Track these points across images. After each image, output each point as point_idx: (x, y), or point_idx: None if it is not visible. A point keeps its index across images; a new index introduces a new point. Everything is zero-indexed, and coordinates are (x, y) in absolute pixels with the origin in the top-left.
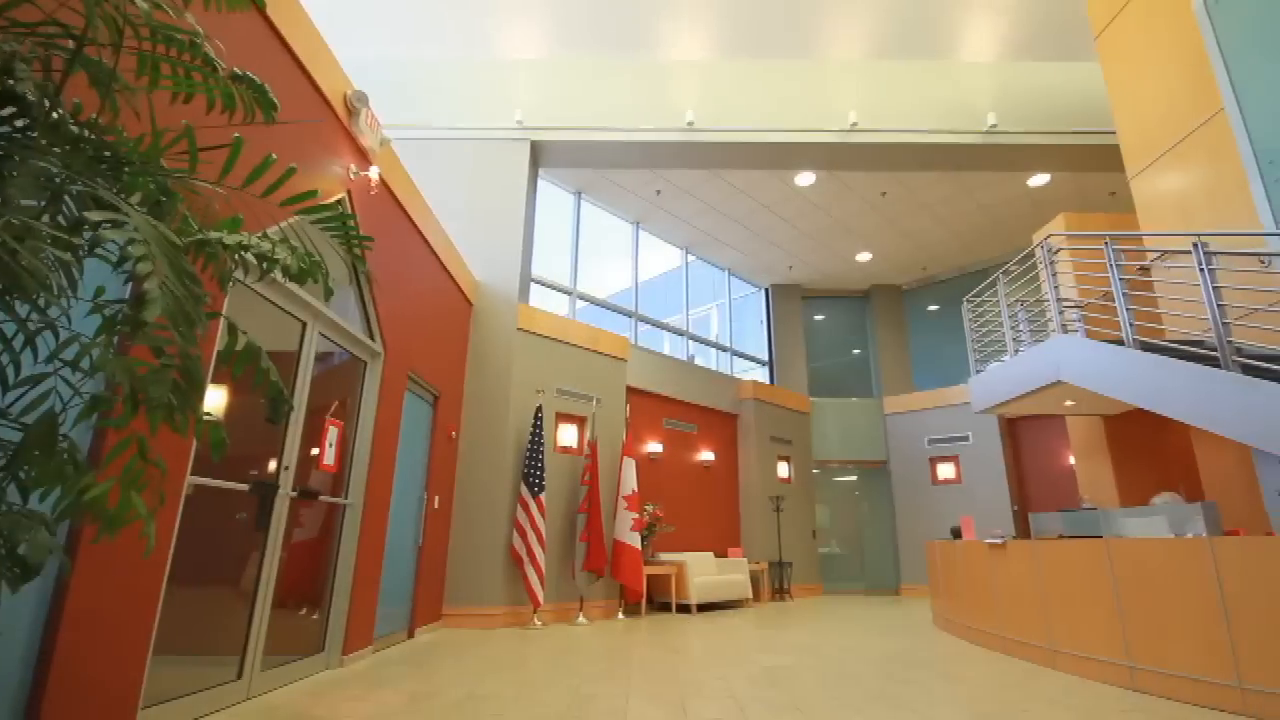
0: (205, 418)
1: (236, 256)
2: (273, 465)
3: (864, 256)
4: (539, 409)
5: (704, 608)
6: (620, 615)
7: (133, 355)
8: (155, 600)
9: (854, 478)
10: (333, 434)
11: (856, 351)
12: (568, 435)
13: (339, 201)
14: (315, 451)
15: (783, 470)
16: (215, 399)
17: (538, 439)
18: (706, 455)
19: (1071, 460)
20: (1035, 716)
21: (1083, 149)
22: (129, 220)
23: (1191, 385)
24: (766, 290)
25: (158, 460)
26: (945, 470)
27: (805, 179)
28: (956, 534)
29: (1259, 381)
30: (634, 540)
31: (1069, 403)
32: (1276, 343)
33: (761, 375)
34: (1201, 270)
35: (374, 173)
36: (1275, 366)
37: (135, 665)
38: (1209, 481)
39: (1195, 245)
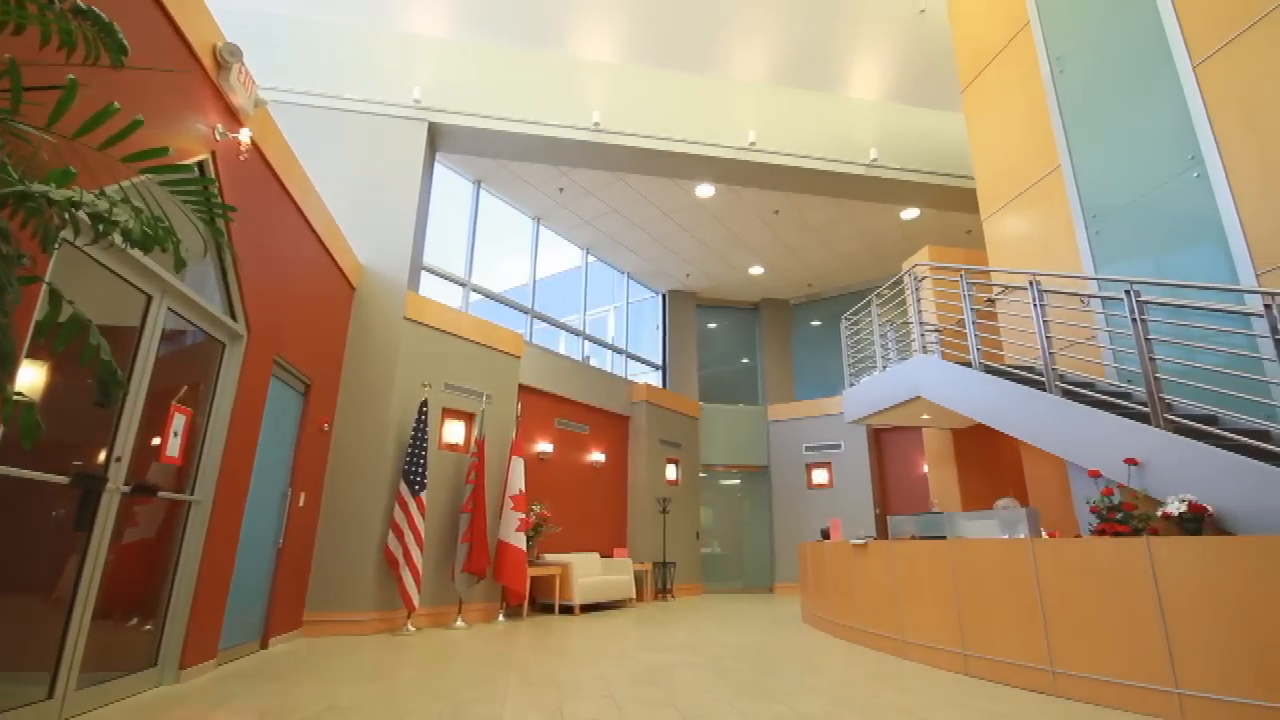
0: (15, 398)
1: (65, 214)
2: (102, 456)
3: (756, 270)
4: (424, 403)
5: (588, 608)
6: (501, 618)
7: None
8: None
9: (737, 481)
10: (179, 422)
11: (745, 360)
12: (454, 432)
13: (199, 164)
14: (157, 442)
15: (671, 473)
16: (31, 376)
17: (421, 435)
18: (597, 456)
19: (926, 468)
20: (885, 701)
21: (947, 189)
22: None
23: (1021, 405)
24: (664, 296)
25: None
26: (819, 475)
27: (705, 190)
28: (826, 535)
29: (1073, 404)
30: (519, 541)
31: (925, 416)
32: (1089, 371)
33: (655, 379)
34: (1035, 305)
35: (245, 135)
36: (1087, 392)
37: None
38: (1033, 490)
39: (1031, 283)
